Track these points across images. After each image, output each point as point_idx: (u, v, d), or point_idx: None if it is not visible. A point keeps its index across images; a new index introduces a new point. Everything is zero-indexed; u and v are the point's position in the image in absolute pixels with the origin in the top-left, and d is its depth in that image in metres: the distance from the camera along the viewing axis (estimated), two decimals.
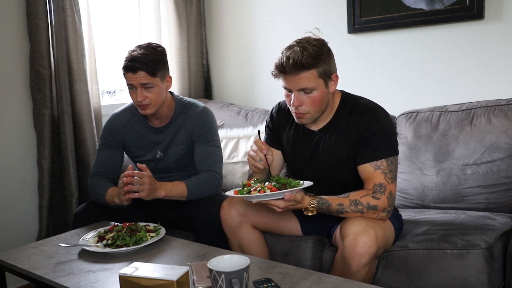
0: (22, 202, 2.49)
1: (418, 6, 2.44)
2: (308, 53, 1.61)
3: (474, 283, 1.61)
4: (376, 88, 2.66)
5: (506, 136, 2.06)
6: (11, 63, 2.42)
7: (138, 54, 1.94)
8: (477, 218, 1.94)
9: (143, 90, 1.96)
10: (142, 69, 1.93)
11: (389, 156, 1.68)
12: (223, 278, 1.22)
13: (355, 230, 1.57)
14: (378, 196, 1.65)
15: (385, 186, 1.66)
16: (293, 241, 1.92)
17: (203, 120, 2.10)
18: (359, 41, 2.70)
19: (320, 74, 1.64)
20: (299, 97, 1.66)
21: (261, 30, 3.05)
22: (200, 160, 2.07)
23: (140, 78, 1.95)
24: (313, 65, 1.62)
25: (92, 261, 1.62)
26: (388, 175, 1.67)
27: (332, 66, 1.70)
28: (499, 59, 2.30)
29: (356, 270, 1.56)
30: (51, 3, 2.39)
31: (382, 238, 1.63)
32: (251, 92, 3.16)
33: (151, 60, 1.94)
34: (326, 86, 1.69)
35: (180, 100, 2.15)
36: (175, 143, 2.11)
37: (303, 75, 1.62)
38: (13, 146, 2.45)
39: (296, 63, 1.60)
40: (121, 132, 2.14)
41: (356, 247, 1.55)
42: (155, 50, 1.99)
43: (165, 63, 2.03)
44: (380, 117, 1.71)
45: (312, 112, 1.71)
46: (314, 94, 1.66)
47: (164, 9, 3.03)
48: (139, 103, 1.99)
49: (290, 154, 1.90)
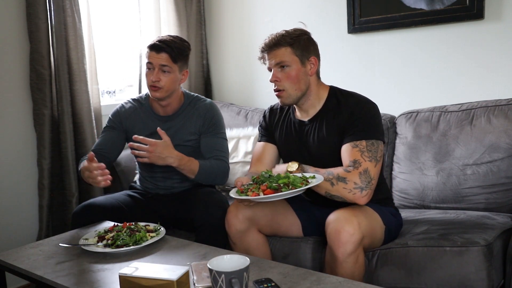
0: (22, 202, 2.49)
1: (418, 6, 2.44)
2: (287, 33, 1.80)
3: (473, 280, 1.61)
4: (376, 88, 2.66)
5: (506, 136, 2.06)
6: (11, 63, 2.42)
7: (167, 38, 2.06)
8: (477, 218, 1.94)
9: (160, 72, 2.04)
10: (166, 51, 2.02)
11: (369, 139, 1.71)
12: (223, 278, 1.22)
13: (338, 219, 1.60)
14: (349, 169, 1.68)
15: (359, 162, 1.68)
16: (293, 242, 1.92)
17: (212, 112, 2.15)
18: (359, 41, 2.70)
19: (295, 53, 1.79)
20: (276, 73, 1.81)
21: (261, 30, 3.05)
22: (208, 149, 2.10)
23: (161, 59, 2.03)
24: (289, 43, 1.78)
25: (92, 261, 1.62)
26: (366, 153, 1.69)
27: (312, 51, 1.83)
28: (499, 59, 2.30)
29: (342, 260, 1.57)
30: (51, 3, 2.40)
31: (367, 226, 1.63)
32: (251, 92, 3.16)
33: (177, 47, 2.05)
34: (302, 65, 1.80)
35: (189, 94, 2.22)
36: (182, 135, 2.12)
37: (279, 51, 1.79)
38: (13, 146, 2.45)
39: (274, 39, 1.80)
40: (127, 118, 2.18)
41: (339, 236, 1.56)
42: (183, 42, 2.11)
43: (187, 56, 2.12)
44: (365, 105, 1.79)
45: (289, 89, 1.80)
46: (289, 70, 1.79)
47: (164, 9, 3.03)
48: (152, 83, 2.04)
49: (283, 148, 1.96)
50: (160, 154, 1.90)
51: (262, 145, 2.01)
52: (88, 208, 2.03)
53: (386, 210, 1.83)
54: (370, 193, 1.69)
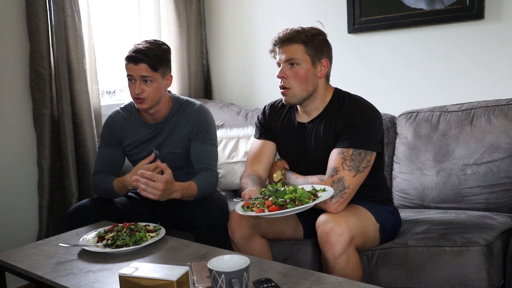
0: (22, 202, 2.49)
1: (418, 6, 2.44)
2: (303, 30, 1.75)
3: (473, 280, 1.61)
4: (376, 88, 2.66)
5: (506, 136, 2.06)
6: (11, 63, 2.42)
7: (142, 47, 1.97)
8: (477, 218, 1.94)
9: (142, 83, 1.96)
10: (144, 61, 1.94)
11: (358, 148, 1.68)
12: (223, 278, 1.22)
13: (325, 221, 1.59)
14: (324, 178, 1.66)
15: (337, 170, 1.66)
16: (293, 245, 1.92)
17: (201, 118, 2.09)
18: (359, 41, 2.70)
19: (307, 51, 1.74)
20: (285, 69, 1.75)
21: (261, 30, 3.05)
22: (198, 158, 2.06)
23: (140, 70, 1.95)
24: (303, 41, 1.73)
25: (92, 261, 1.62)
26: (348, 162, 1.66)
27: (325, 53, 1.78)
28: (499, 59, 2.30)
29: (333, 261, 1.57)
30: (51, 3, 2.39)
31: (356, 226, 1.62)
32: (251, 92, 3.16)
33: (154, 55, 1.96)
34: (313, 65, 1.75)
35: (177, 98, 2.15)
36: (172, 142, 2.10)
37: (291, 47, 1.74)
38: (13, 146, 2.45)
39: (288, 35, 1.74)
40: (118, 131, 2.14)
41: (328, 238, 1.56)
42: (160, 47, 2.01)
43: (167, 61, 2.04)
44: (365, 112, 1.74)
45: (295, 88, 1.75)
46: (299, 68, 1.74)
47: (164, 9, 3.03)
48: (136, 95, 1.98)
49: (282, 147, 1.93)
50: (167, 191, 1.80)
51: (260, 143, 1.95)
52: (82, 208, 2.03)
53: (383, 208, 1.82)
54: (342, 201, 1.65)
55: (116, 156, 2.15)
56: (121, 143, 2.16)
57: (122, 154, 2.18)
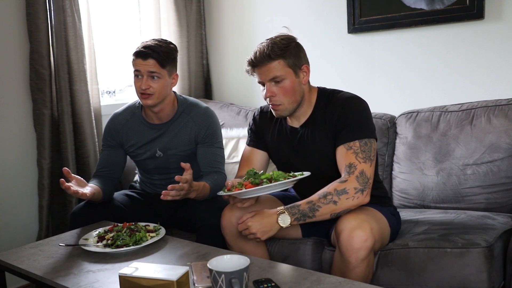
0: (22, 202, 2.49)
1: (418, 6, 2.44)
2: (275, 45, 1.69)
3: (474, 282, 1.61)
4: (376, 88, 2.66)
5: (506, 136, 2.06)
6: (11, 63, 2.42)
7: (151, 44, 1.99)
8: (477, 218, 1.94)
9: (149, 79, 1.97)
10: (152, 56, 1.96)
11: (362, 138, 1.69)
12: (223, 278, 1.22)
13: (350, 225, 1.57)
14: (346, 178, 1.65)
15: (355, 165, 1.66)
16: (292, 244, 1.92)
17: (208, 121, 2.09)
18: (359, 41, 2.70)
19: (288, 64, 1.71)
20: (270, 88, 1.73)
21: (261, 30, 3.05)
22: (206, 161, 2.06)
23: (148, 66, 1.96)
24: (280, 55, 1.69)
25: (92, 261, 1.62)
26: (360, 155, 1.67)
27: (302, 58, 1.76)
28: (499, 59, 2.30)
29: (355, 265, 1.56)
30: (51, 3, 2.40)
31: (378, 231, 1.62)
32: (251, 92, 3.16)
33: (163, 51, 1.98)
34: (296, 76, 1.74)
35: (183, 99, 2.15)
36: (177, 144, 2.10)
37: (271, 65, 1.70)
38: (13, 146, 2.45)
39: (263, 54, 1.69)
40: (119, 133, 2.14)
41: (352, 242, 1.55)
42: (168, 45, 2.03)
43: (174, 59, 2.06)
44: (353, 103, 1.75)
45: (285, 103, 1.75)
46: (284, 84, 1.72)
47: (164, 9, 3.03)
48: (142, 91, 1.98)
49: (275, 154, 1.93)
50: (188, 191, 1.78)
51: (250, 150, 1.96)
52: (87, 208, 2.03)
53: (387, 210, 1.83)
54: (369, 191, 1.68)
55: (115, 158, 2.15)
56: (122, 146, 2.16)
57: (123, 157, 2.18)
